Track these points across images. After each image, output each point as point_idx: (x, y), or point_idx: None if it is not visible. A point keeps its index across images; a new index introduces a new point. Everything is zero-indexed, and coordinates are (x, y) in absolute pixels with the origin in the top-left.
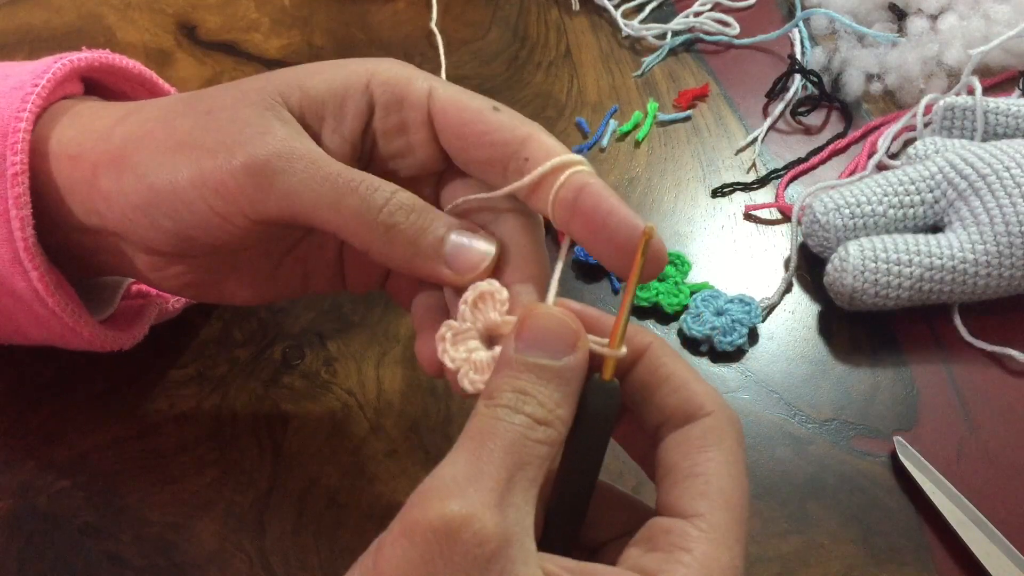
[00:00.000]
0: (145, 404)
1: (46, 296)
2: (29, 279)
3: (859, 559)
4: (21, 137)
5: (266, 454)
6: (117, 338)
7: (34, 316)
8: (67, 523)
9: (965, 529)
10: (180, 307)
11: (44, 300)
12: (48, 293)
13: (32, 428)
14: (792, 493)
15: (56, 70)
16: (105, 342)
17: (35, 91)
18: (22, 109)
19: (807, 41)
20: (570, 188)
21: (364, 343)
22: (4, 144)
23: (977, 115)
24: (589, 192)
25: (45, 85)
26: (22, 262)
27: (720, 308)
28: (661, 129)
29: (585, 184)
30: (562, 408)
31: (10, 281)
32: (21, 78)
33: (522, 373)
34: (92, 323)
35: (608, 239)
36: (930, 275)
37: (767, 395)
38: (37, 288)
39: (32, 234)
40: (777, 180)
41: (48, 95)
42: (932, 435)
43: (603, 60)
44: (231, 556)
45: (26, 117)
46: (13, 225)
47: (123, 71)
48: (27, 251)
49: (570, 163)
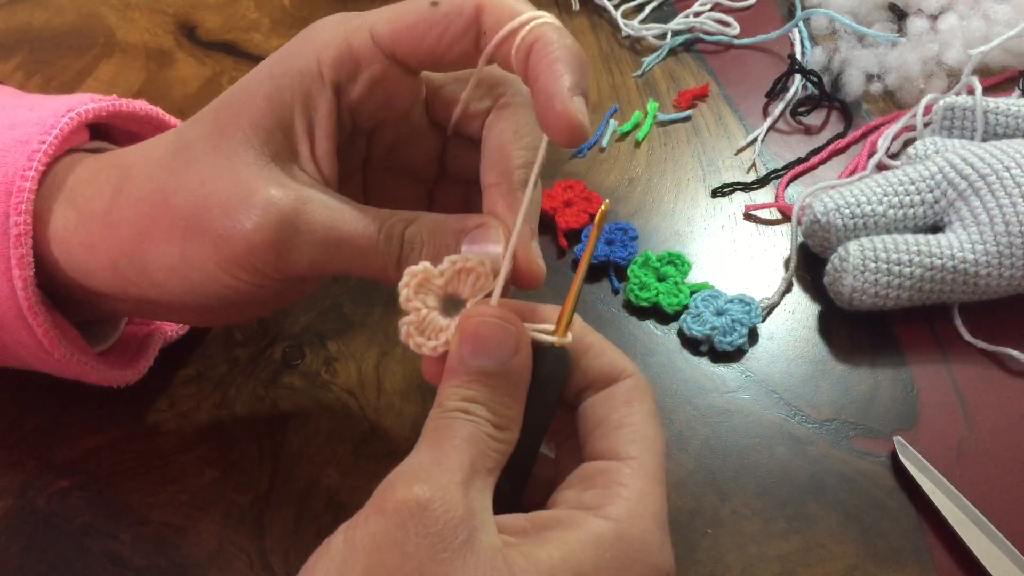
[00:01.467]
0: (145, 404)
1: (51, 350)
2: (34, 334)
3: (859, 559)
4: (26, 197)
5: (266, 454)
6: (121, 375)
7: (39, 359)
8: (67, 523)
9: (965, 529)
10: (183, 333)
11: (49, 352)
12: (53, 347)
13: (32, 428)
14: (792, 493)
15: (63, 125)
16: (110, 381)
17: (41, 148)
18: (27, 168)
19: (807, 41)
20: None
21: (364, 343)
22: (7, 203)
23: (977, 115)
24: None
25: (52, 142)
26: (26, 318)
27: (720, 308)
28: (661, 129)
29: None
30: (513, 409)
31: (16, 334)
32: (27, 130)
33: (469, 382)
34: (98, 367)
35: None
36: (930, 275)
37: (767, 395)
38: (42, 342)
39: (35, 293)
40: (777, 180)
41: (54, 152)
42: (932, 435)
43: (603, 60)
44: (231, 556)
45: (31, 176)
46: (16, 284)
47: (130, 115)
48: (30, 310)
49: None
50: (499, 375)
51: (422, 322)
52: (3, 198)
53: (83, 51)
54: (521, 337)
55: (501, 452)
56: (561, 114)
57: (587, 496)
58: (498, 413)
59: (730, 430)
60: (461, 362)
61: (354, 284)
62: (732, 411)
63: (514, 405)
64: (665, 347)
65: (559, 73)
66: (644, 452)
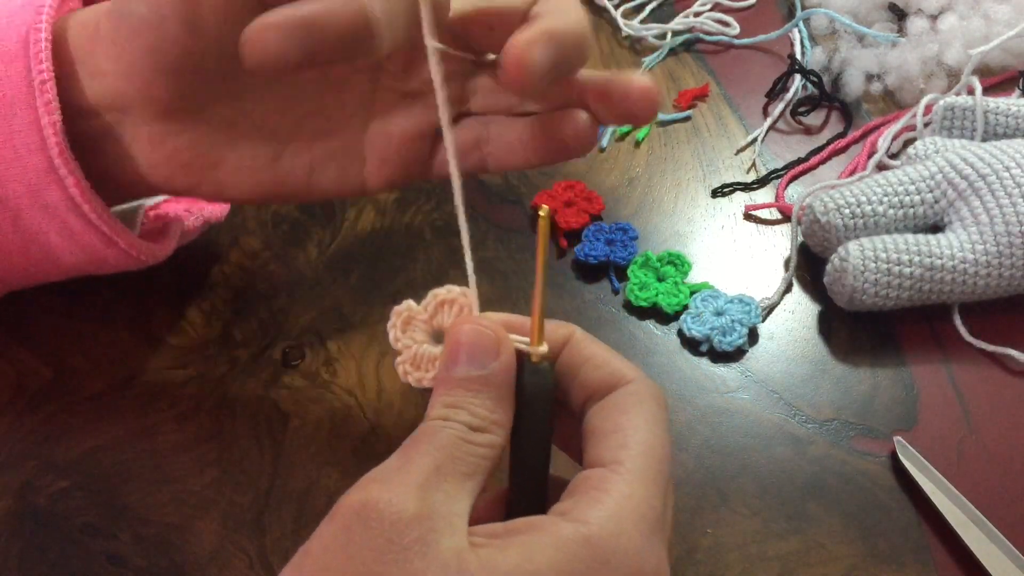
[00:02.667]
0: (145, 404)
1: (82, 203)
2: (64, 186)
3: (859, 559)
4: (44, 46)
5: (266, 454)
6: (151, 249)
7: (68, 231)
8: (67, 523)
9: (965, 529)
10: (199, 225)
11: (80, 207)
12: (84, 199)
13: (32, 428)
14: (792, 493)
15: None
16: (140, 252)
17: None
18: (38, 22)
19: (807, 41)
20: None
21: (364, 343)
22: (28, 55)
23: (977, 115)
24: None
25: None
26: (57, 169)
27: (720, 308)
28: (661, 129)
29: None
30: (496, 413)
31: (44, 193)
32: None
33: (452, 388)
34: (127, 232)
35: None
36: (930, 275)
37: (767, 395)
38: (73, 194)
39: (64, 140)
40: (777, 180)
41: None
42: (932, 435)
43: (603, 60)
44: (231, 556)
45: (44, 27)
46: (46, 132)
47: None
48: (62, 156)
49: None
50: (480, 379)
51: (415, 357)
52: (21, 53)
53: None
54: (502, 341)
55: (480, 455)
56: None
57: (566, 503)
58: (476, 415)
59: (730, 430)
60: (445, 372)
61: (354, 284)
62: (732, 411)
63: (496, 408)
64: (665, 347)
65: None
66: (635, 456)
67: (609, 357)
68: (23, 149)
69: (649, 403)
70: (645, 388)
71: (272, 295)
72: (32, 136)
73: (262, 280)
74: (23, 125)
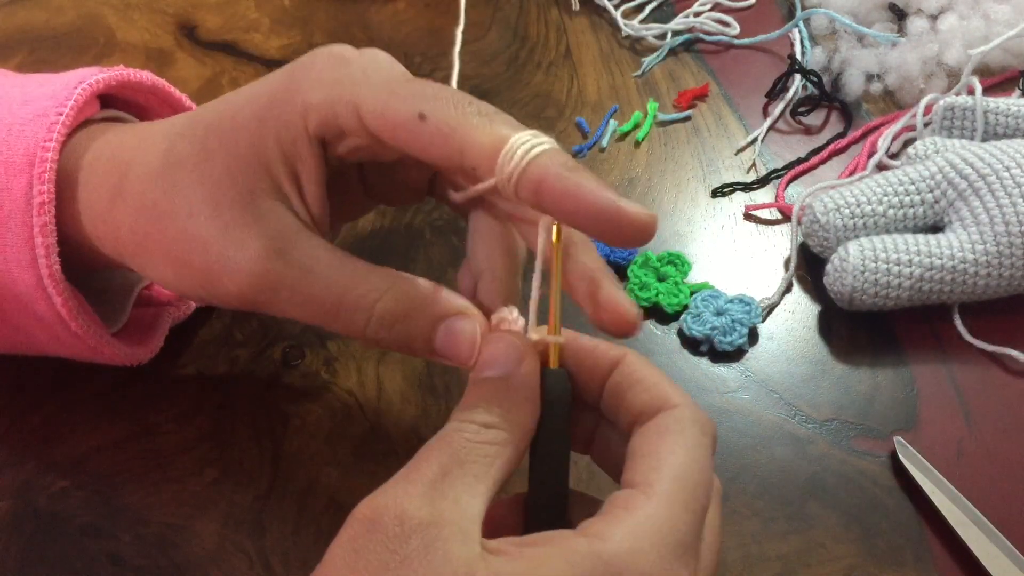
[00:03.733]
0: (145, 404)
1: (69, 320)
2: (52, 304)
3: (859, 559)
4: (48, 167)
5: (266, 454)
6: (136, 353)
7: (54, 337)
8: (67, 523)
9: (965, 529)
10: (191, 311)
11: (67, 324)
12: (71, 318)
13: (32, 428)
14: (792, 493)
15: (77, 96)
16: (124, 359)
17: (60, 120)
18: (48, 139)
19: (807, 41)
20: (528, 187)
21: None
22: (31, 173)
23: (977, 115)
24: (548, 183)
25: (68, 113)
26: (46, 288)
27: (720, 308)
28: (661, 129)
29: (540, 178)
30: (512, 412)
31: (33, 305)
32: (43, 104)
33: (473, 391)
34: (112, 342)
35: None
36: (930, 275)
37: (767, 395)
38: (60, 313)
39: (56, 262)
40: (777, 180)
41: (71, 123)
42: (932, 435)
43: (603, 60)
44: (231, 556)
45: (52, 147)
46: (38, 252)
47: (137, 84)
48: (51, 278)
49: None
50: (498, 382)
51: None
52: (26, 168)
53: (83, 51)
54: (524, 348)
55: (489, 454)
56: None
57: (590, 521)
58: (491, 413)
59: (730, 430)
60: (472, 378)
61: None
62: (732, 411)
63: (513, 408)
64: (665, 347)
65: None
66: (665, 479)
67: (659, 380)
68: (14, 262)
69: (691, 429)
70: (689, 414)
71: None
72: (25, 253)
73: None
74: (17, 240)
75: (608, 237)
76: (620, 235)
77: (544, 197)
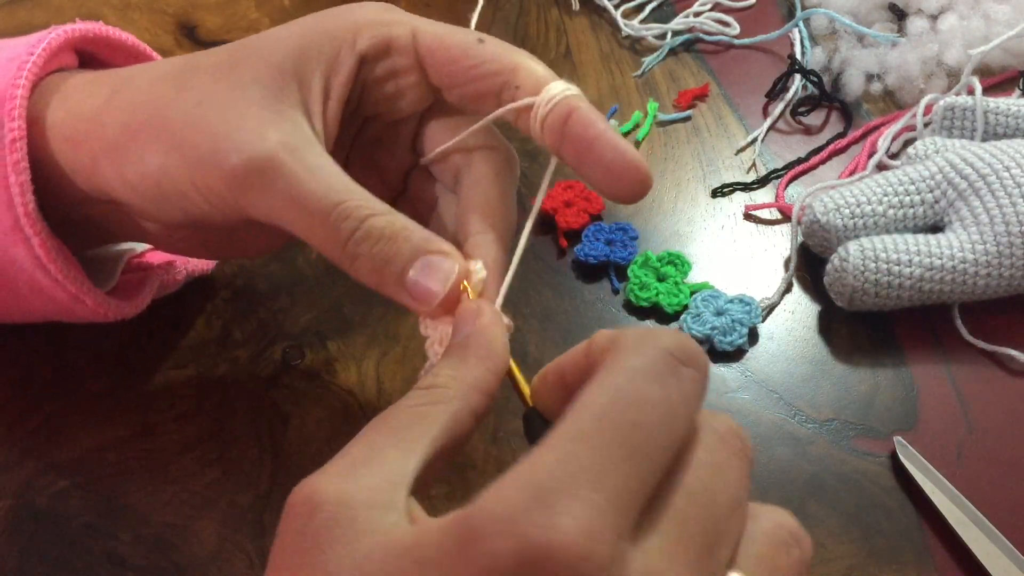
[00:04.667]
0: (145, 404)
1: (48, 263)
2: (30, 246)
3: (859, 559)
4: (18, 103)
5: (266, 454)
6: (120, 307)
7: (36, 286)
8: (67, 523)
9: (965, 529)
10: (182, 280)
11: (46, 267)
12: (50, 259)
13: (32, 428)
14: (792, 493)
15: (51, 39)
16: (109, 310)
17: (31, 59)
18: (18, 77)
19: (807, 41)
20: (559, 113)
21: (364, 343)
22: (1, 111)
23: (977, 115)
24: (577, 117)
25: (40, 54)
26: (22, 228)
27: (720, 308)
28: (661, 129)
29: (573, 108)
30: (462, 369)
31: (11, 249)
32: (16, 50)
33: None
34: (95, 291)
35: (595, 162)
36: (930, 275)
37: (767, 395)
38: (39, 255)
39: (32, 199)
40: (777, 180)
41: (44, 64)
42: (932, 435)
43: (603, 60)
44: (231, 556)
45: (22, 84)
46: (13, 191)
47: (118, 43)
48: (27, 216)
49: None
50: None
51: (442, 337)
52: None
53: None
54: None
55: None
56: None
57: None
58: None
59: None
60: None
61: (354, 284)
62: (732, 411)
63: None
64: None
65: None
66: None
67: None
68: None
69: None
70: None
71: (272, 295)
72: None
73: (262, 280)
74: None
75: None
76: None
77: (572, 124)
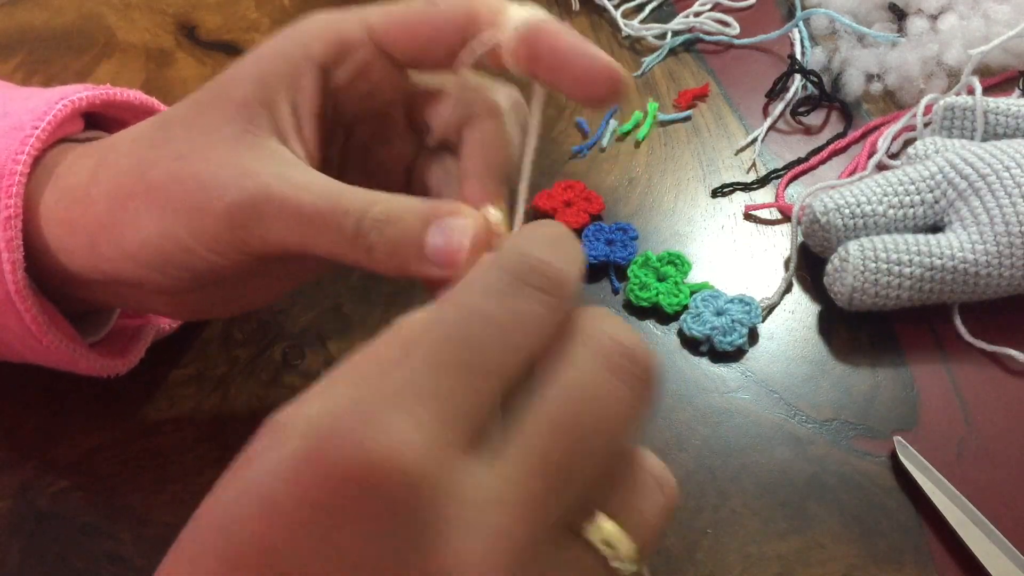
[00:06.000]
0: (145, 404)
1: (39, 335)
2: (22, 320)
3: (859, 559)
4: (17, 180)
5: None
6: (113, 366)
7: (30, 348)
8: (67, 523)
9: (965, 529)
10: (177, 327)
11: (38, 338)
12: (42, 333)
13: (32, 428)
14: (792, 493)
15: (57, 112)
16: (102, 371)
17: (34, 134)
18: (20, 152)
19: (807, 41)
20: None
21: (364, 343)
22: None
23: (977, 115)
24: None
25: (45, 128)
26: (14, 303)
27: (720, 308)
28: (661, 129)
29: (538, 31)
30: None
31: (3, 319)
32: (20, 118)
33: None
34: (88, 356)
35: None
36: (930, 275)
37: (767, 395)
38: (30, 328)
39: (24, 277)
40: (777, 180)
41: (47, 138)
42: (932, 435)
43: None
44: None
45: (23, 160)
46: (4, 268)
47: (125, 104)
48: (18, 294)
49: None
50: None
51: None
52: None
53: (83, 51)
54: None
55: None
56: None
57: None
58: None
59: (730, 430)
60: None
61: (354, 284)
62: (732, 411)
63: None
64: (665, 347)
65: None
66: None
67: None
68: None
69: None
70: None
71: None
72: None
73: None
74: None
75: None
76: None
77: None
